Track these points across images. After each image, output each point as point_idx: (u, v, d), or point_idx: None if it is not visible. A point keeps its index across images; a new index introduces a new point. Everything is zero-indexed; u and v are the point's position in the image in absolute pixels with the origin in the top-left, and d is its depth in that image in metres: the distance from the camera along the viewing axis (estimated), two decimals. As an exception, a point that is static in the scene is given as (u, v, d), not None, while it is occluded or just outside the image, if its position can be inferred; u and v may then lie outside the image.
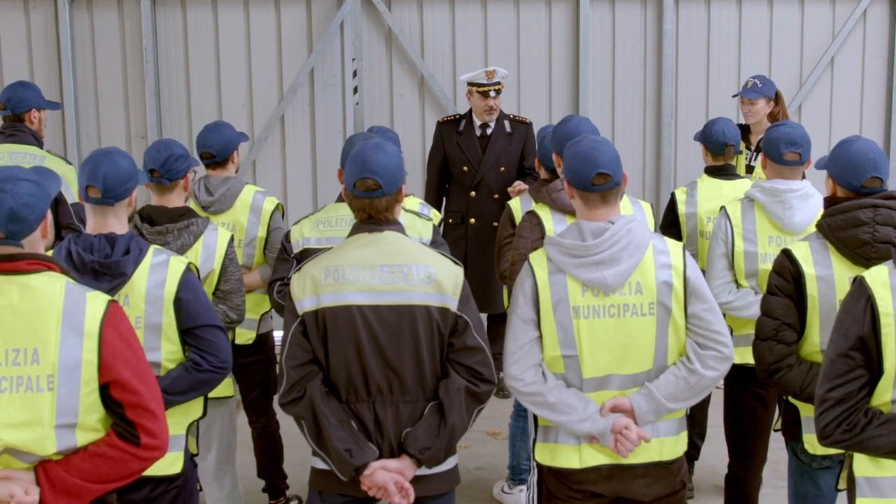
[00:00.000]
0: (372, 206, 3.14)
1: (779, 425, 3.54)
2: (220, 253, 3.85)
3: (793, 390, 3.25)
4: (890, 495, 2.79)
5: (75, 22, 7.01)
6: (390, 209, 3.17)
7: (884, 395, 2.71)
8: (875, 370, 2.70)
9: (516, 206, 4.34)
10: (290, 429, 3.20)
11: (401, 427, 3.11)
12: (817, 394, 2.75)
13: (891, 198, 3.23)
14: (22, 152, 4.78)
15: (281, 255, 4.11)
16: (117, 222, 3.19)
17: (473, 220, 6.09)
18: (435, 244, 4.02)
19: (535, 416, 3.25)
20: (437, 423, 3.10)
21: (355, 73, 6.96)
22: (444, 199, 6.29)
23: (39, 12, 7.01)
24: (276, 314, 4.16)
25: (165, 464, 3.09)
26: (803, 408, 3.34)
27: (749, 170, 5.86)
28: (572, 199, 3.20)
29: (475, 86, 6.00)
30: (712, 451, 5.25)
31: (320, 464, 3.17)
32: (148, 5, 6.90)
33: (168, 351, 3.18)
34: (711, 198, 4.60)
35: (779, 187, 4.05)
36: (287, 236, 4.11)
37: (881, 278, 2.72)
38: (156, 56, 7.00)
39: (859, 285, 2.73)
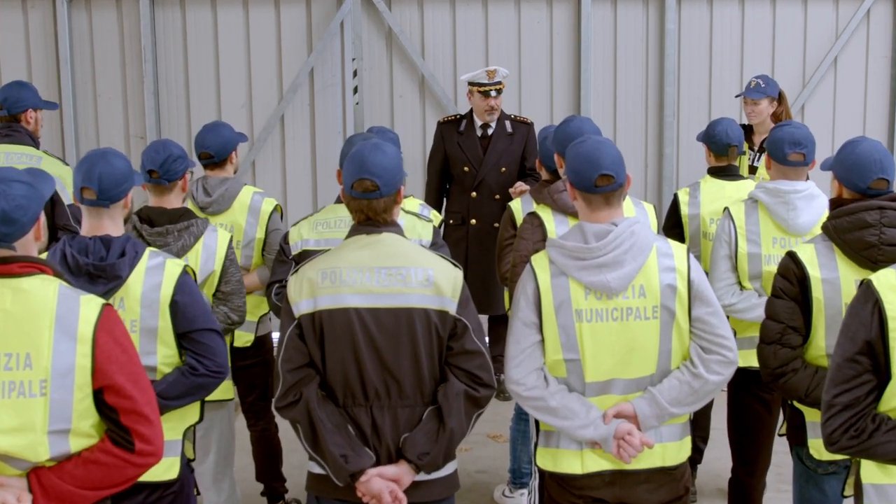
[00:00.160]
0: (370, 208, 3.10)
1: (783, 430, 3.50)
2: (220, 254, 3.83)
3: (798, 395, 3.21)
4: (898, 503, 2.75)
5: (74, 21, 6.98)
6: (389, 211, 3.13)
7: (891, 400, 2.66)
8: (882, 375, 2.65)
9: (517, 207, 4.32)
10: (289, 431, 3.16)
11: (399, 432, 3.08)
12: (824, 399, 2.70)
13: (898, 199, 3.19)
14: (18, 153, 4.75)
15: (279, 256, 4.08)
16: (113, 224, 3.16)
17: (474, 220, 6.07)
18: (435, 246, 4.00)
19: (537, 420, 3.22)
20: (435, 428, 3.06)
21: (355, 73, 6.93)
22: (444, 200, 6.27)
23: (38, 12, 6.98)
24: (274, 316, 4.12)
25: (161, 469, 3.04)
26: (808, 412, 3.29)
27: (752, 170, 5.83)
28: (575, 200, 3.16)
29: (476, 85, 5.97)
30: (715, 454, 5.22)
31: (317, 468, 3.14)
32: (147, 5, 6.87)
33: (164, 355, 3.13)
34: (714, 199, 4.56)
35: (783, 188, 4.02)
36: (285, 238, 4.08)
37: (889, 281, 2.67)
38: (155, 56, 6.97)
39: (866, 289, 2.69)
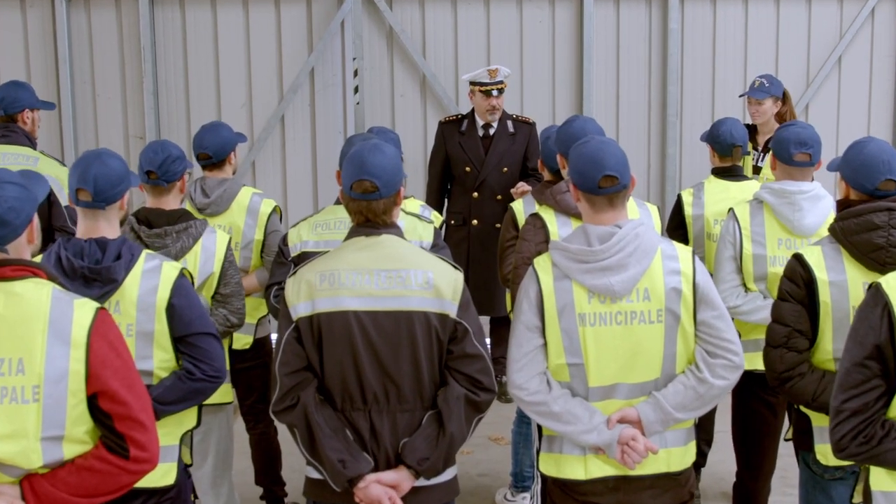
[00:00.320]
0: (369, 209, 3.06)
1: (790, 435, 3.45)
2: (219, 256, 3.80)
3: (805, 399, 3.17)
4: (908, 510, 2.70)
5: (73, 21, 6.94)
6: (388, 212, 3.09)
7: (901, 406, 2.62)
8: (892, 380, 2.60)
9: (519, 208, 4.29)
10: (288, 434, 3.12)
11: (398, 437, 3.04)
12: (832, 405, 2.66)
13: (905, 201, 3.14)
14: (14, 153, 4.72)
15: (278, 258, 4.05)
16: (108, 226, 3.12)
17: (476, 221, 6.04)
18: (436, 247, 3.96)
19: (539, 425, 3.17)
20: (435, 432, 3.02)
21: (356, 73, 6.89)
22: (445, 201, 6.23)
23: (36, 11, 6.94)
24: (273, 318, 4.08)
25: (158, 475, 3.00)
26: (815, 417, 3.24)
27: (756, 170, 5.79)
28: (578, 202, 3.12)
29: (477, 85, 5.94)
30: (719, 457, 5.18)
31: (314, 473, 3.10)
32: (146, 4, 6.82)
33: (160, 359, 3.09)
34: (719, 199, 4.52)
35: (788, 189, 3.98)
36: (284, 239, 4.05)
37: (898, 284, 2.62)
38: (154, 56, 6.92)
39: (875, 292, 2.64)
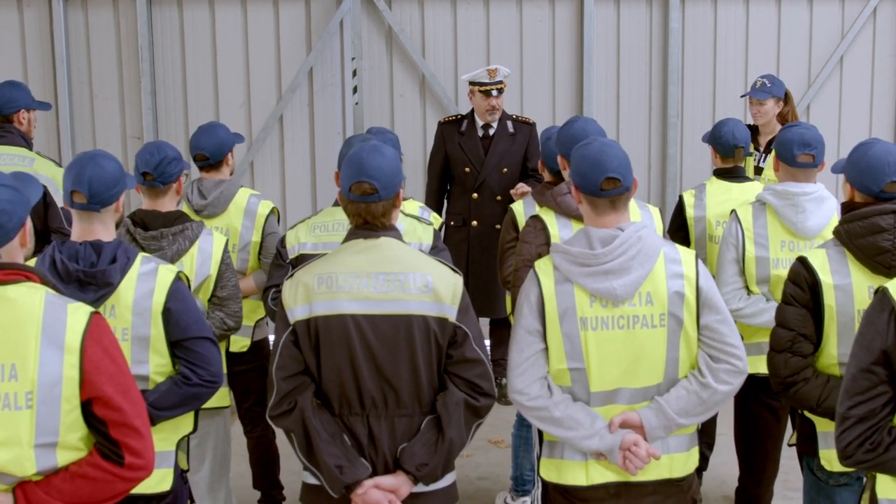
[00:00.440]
0: (368, 212, 3.02)
1: (793, 440, 3.41)
2: (216, 258, 3.76)
3: (809, 404, 3.13)
4: (915, 518, 2.66)
5: (70, 20, 6.90)
6: (387, 215, 3.05)
7: (908, 412, 2.58)
8: (899, 386, 2.56)
9: (519, 209, 4.26)
10: (286, 438, 3.08)
11: (396, 442, 3.00)
12: (838, 411, 2.61)
13: (912, 203, 3.11)
14: (10, 154, 4.68)
15: (276, 260, 4.01)
16: (104, 229, 3.08)
17: (475, 222, 6.01)
18: (436, 249, 3.93)
19: (540, 430, 3.14)
20: (434, 438, 2.99)
21: (355, 73, 6.85)
22: (445, 201, 6.20)
23: (33, 10, 6.90)
24: (271, 321, 4.04)
25: (154, 481, 2.97)
26: (820, 422, 3.21)
27: (758, 171, 5.75)
28: (580, 204, 3.09)
29: (477, 85, 5.91)
30: (721, 459, 5.14)
31: (311, 479, 3.07)
32: (144, 3, 6.78)
33: (156, 364, 3.06)
34: (721, 201, 4.48)
35: (792, 190, 3.95)
36: (282, 241, 4.01)
37: (905, 289, 2.58)
38: (152, 55, 6.88)
39: (882, 296, 2.60)
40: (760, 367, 3.82)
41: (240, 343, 4.41)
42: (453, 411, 2.98)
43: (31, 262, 3.01)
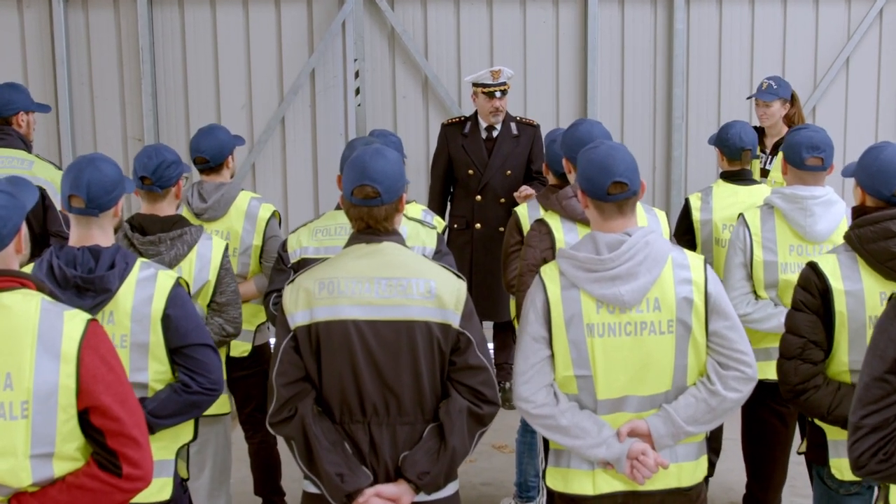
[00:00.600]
0: (370, 216, 2.97)
1: (803, 448, 3.36)
2: (215, 263, 3.72)
3: (820, 412, 3.08)
4: (930, 529, 2.61)
5: (70, 21, 6.86)
6: (390, 219, 3.00)
7: (923, 422, 2.52)
8: (913, 395, 2.51)
9: (523, 212, 4.21)
10: (288, 444, 3.05)
11: (398, 450, 2.95)
12: (851, 420, 2.56)
13: (924, 207, 3.06)
14: (9, 157, 4.64)
15: (277, 265, 3.96)
16: (102, 234, 3.03)
17: (479, 225, 5.98)
18: (439, 254, 3.89)
19: (546, 438, 3.09)
20: (436, 446, 2.94)
21: (357, 74, 6.81)
22: (448, 204, 6.16)
23: (33, 11, 6.86)
24: (273, 326, 4.00)
25: (153, 490, 2.93)
26: (830, 430, 3.16)
27: (764, 173, 5.71)
28: (586, 208, 3.05)
29: (480, 86, 5.88)
30: (728, 465, 5.09)
31: (311, 487, 3.02)
32: (144, 4, 6.74)
33: (156, 371, 3.01)
34: (727, 204, 4.44)
35: (800, 194, 3.90)
36: (284, 245, 3.97)
37: (919, 296, 2.53)
38: (153, 56, 6.84)
39: (895, 303, 2.54)
40: (768, 372, 3.78)
41: (241, 348, 4.38)
42: (456, 419, 2.93)
43: (29, 268, 2.98)
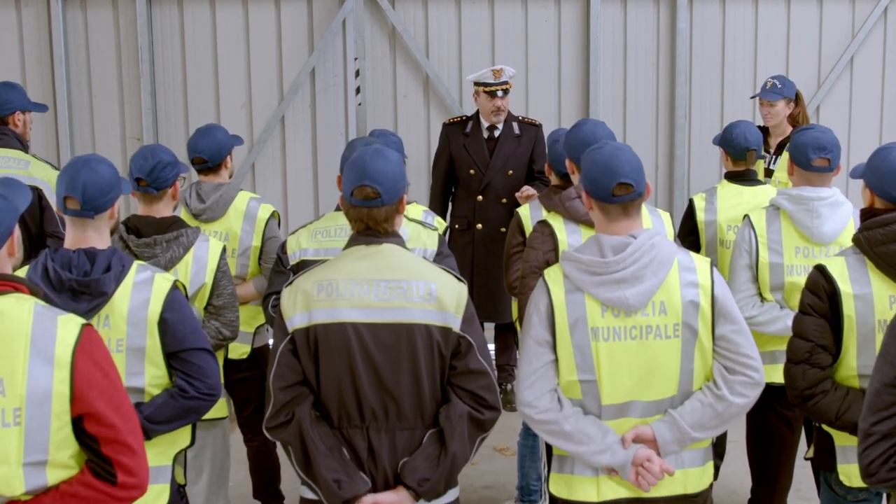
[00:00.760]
0: (370, 217, 2.93)
1: (810, 454, 3.31)
2: (211, 265, 3.67)
3: (828, 418, 3.03)
4: (940, 537, 2.57)
5: (69, 20, 6.82)
6: (390, 220, 2.96)
7: (935, 429, 2.47)
8: (925, 402, 2.46)
9: (525, 213, 4.17)
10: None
11: (397, 456, 2.91)
12: (861, 427, 2.51)
13: (935, 209, 3.01)
14: (5, 156, 4.60)
15: (276, 266, 3.92)
16: (98, 236, 2.98)
17: (480, 225, 5.94)
18: (441, 256, 3.84)
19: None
20: (436, 452, 2.89)
21: (358, 73, 6.76)
22: (449, 204, 6.11)
23: (31, 10, 6.83)
24: (272, 328, 3.95)
25: (149, 497, 2.87)
26: (838, 436, 3.11)
27: (768, 173, 5.65)
28: (591, 210, 3.00)
29: (482, 86, 5.83)
30: (731, 468, 5.04)
31: (309, 493, 2.98)
32: (143, 3, 6.70)
33: (152, 376, 2.96)
34: (732, 205, 4.39)
35: (807, 195, 3.86)
36: (283, 247, 3.92)
37: (931, 300, 2.49)
38: (152, 55, 6.80)
39: (907, 308, 2.50)
40: (774, 376, 3.74)
41: (239, 350, 4.33)
42: (456, 424, 2.89)
43: (24, 271, 2.93)
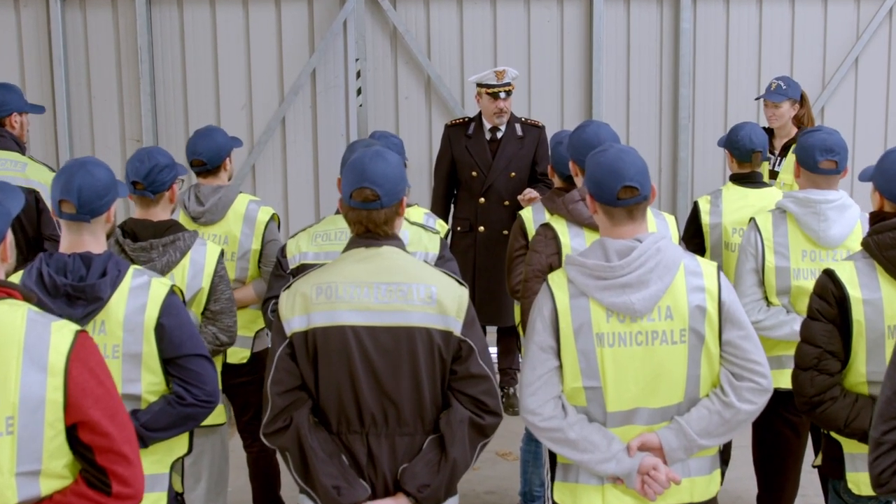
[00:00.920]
0: (370, 219, 2.89)
1: (818, 462, 3.26)
2: (209, 270, 3.62)
3: (836, 425, 2.98)
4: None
5: (68, 21, 6.78)
6: (389, 222, 2.92)
7: (947, 438, 2.42)
8: (938, 410, 2.41)
9: (528, 216, 4.12)
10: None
11: (397, 462, 2.87)
12: (872, 436, 2.46)
13: (945, 213, 2.96)
14: (2, 159, 4.56)
15: (276, 270, 3.87)
16: (94, 240, 2.94)
17: (482, 227, 5.90)
18: (442, 259, 3.81)
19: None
20: (437, 458, 2.85)
21: (359, 74, 6.72)
22: (451, 206, 6.07)
23: (31, 11, 6.78)
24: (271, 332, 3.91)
25: (146, 506, 2.82)
26: (847, 444, 3.06)
27: (773, 175, 5.61)
28: (595, 213, 2.96)
29: (484, 87, 5.80)
30: (736, 474, 4.98)
31: (307, 501, 2.94)
32: (143, 4, 6.66)
33: (149, 382, 2.92)
34: (737, 207, 4.35)
35: (813, 198, 3.81)
36: (283, 251, 3.88)
37: (944, 306, 2.44)
38: (151, 56, 6.75)
39: (918, 313, 2.45)
40: (780, 381, 3.69)
41: (239, 354, 4.29)
42: (457, 430, 2.85)
43: (18, 276, 2.89)
